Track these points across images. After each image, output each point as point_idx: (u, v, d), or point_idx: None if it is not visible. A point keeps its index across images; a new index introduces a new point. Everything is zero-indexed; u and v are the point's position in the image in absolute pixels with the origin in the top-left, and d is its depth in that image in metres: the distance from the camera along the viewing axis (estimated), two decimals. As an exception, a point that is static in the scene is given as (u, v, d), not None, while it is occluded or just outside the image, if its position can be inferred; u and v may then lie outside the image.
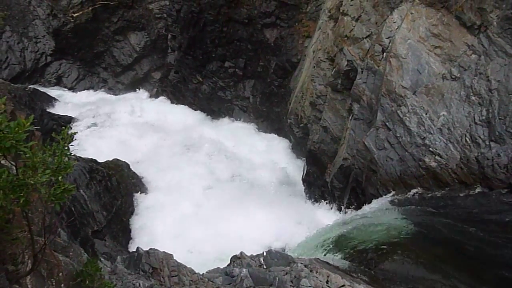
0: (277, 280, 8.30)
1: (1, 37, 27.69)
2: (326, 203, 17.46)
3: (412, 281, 9.43)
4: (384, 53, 14.28)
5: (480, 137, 12.15)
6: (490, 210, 11.48)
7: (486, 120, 12.13)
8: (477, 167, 12.06)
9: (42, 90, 26.01)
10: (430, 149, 12.79)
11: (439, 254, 10.25)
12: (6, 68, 27.34)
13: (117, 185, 16.95)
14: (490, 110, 12.08)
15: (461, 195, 12.20)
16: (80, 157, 16.16)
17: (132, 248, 15.27)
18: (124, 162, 18.51)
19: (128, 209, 17.04)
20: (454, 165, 12.41)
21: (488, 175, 11.83)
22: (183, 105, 26.45)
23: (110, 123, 24.40)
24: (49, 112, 23.37)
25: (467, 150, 12.27)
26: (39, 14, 28.69)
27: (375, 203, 13.54)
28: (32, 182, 3.59)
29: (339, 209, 16.09)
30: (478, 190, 12.07)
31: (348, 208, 14.85)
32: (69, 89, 28.97)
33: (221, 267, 9.28)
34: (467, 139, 12.33)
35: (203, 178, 19.71)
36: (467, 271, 9.67)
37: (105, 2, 28.68)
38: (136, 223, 16.94)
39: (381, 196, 13.75)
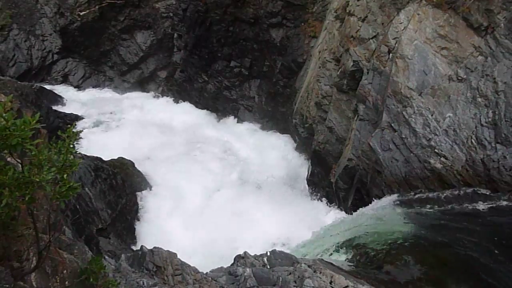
0: (280, 280, 8.31)
1: (8, 35, 27.81)
2: (331, 203, 17.43)
3: (416, 284, 9.41)
4: (390, 54, 14.24)
5: (486, 139, 12.09)
6: (496, 213, 11.43)
7: (492, 122, 12.07)
8: (482, 169, 12.01)
9: (48, 88, 26.11)
10: (436, 150, 12.74)
11: (443, 257, 10.22)
12: (13, 66, 27.46)
13: (122, 184, 16.99)
14: (497, 112, 12.02)
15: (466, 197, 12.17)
16: (85, 155, 16.21)
17: (136, 246, 15.31)
18: (129, 160, 18.55)
19: (133, 208, 17.08)
20: (459, 167, 12.36)
21: (494, 177, 11.77)
22: (188, 104, 26.48)
23: (116, 122, 24.47)
24: (55, 110, 23.45)
25: (473, 152, 12.21)
26: (46, 13, 28.80)
27: (380, 204, 13.50)
28: (37, 179, 3.61)
29: (344, 210, 16.06)
30: (483, 192, 12.03)
31: (353, 209, 14.81)
32: (75, 87, 29.04)
33: (225, 266, 9.30)
34: (473, 141, 12.27)
35: (208, 177, 19.72)
36: (471, 275, 9.63)
37: (112, 1, 28.73)
38: (141, 221, 16.98)
39: (386, 197, 13.71)
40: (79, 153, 15.65)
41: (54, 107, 24.13)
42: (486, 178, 11.97)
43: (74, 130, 4.09)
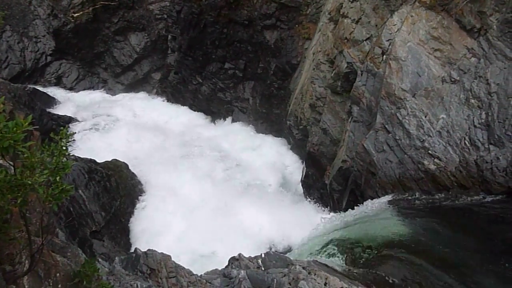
0: (275, 282, 8.29)
1: (1, 37, 27.66)
2: (325, 205, 17.45)
3: (410, 285, 9.42)
4: (384, 56, 14.30)
5: (479, 140, 12.16)
6: (489, 210, 11.50)
7: (485, 123, 12.14)
8: (476, 170, 12.07)
9: (42, 90, 25.99)
10: (429, 152, 12.80)
11: (438, 258, 10.25)
12: (6, 68, 27.30)
13: (116, 186, 16.93)
14: (490, 113, 12.09)
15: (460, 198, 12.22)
16: (79, 157, 16.14)
17: (131, 249, 15.25)
18: (123, 162, 18.47)
19: (127, 210, 17.01)
20: (453, 168, 12.42)
21: (487, 179, 11.84)
22: (182, 106, 26.45)
23: (110, 124, 24.38)
24: (48, 112, 23.33)
25: (466, 153, 12.27)
26: (39, 14, 28.67)
27: (374, 205, 13.53)
28: (30, 182, 3.59)
29: (338, 211, 16.08)
30: (477, 193, 12.09)
31: (347, 210, 14.84)
32: (69, 89, 28.92)
33: (219, 268, 9.27)
34: (466, 142, 12.34)
35: (202, 179, 19.68)
36: (466, 275, 9.66)
37: (106, 3, 28.67)
38: (135, 223, 16.92)
39: (380, 198, 13.75)
40: (73, 155, 15.58)
41: (48, 109, 24.00)
42: (480, 179, 12.04)
43: (67, 132, 4.07)
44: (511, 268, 9.49)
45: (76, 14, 28.49)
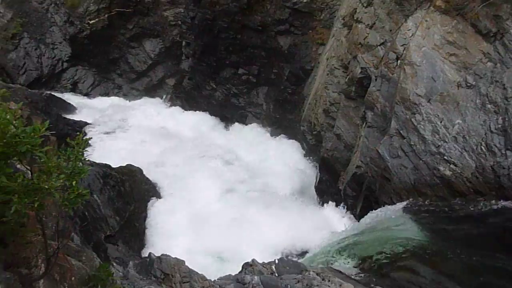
0: (288, 288, 8.26)
1: (19, 44, 28.16)
2: (339, 211, 17.33)
3: (426, 291, 9.33)
4: (399, 61, 14.21)
5: (496, 145, 11.98)
6: (507, 221, 11.31)
7: (502, 129, 11.97)
8: (492, 176, 11.89)
9: (58, 96, 26.33)
10: (445, 157, 12.65)
11: (453, 265, 10.12)
12: (23, 74, 27.76)
13: (130, 190, 17.03)
14: (506, 119, 11.92)
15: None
16: (94, 162, 16.28)
17: (145, 253, 15.31)
18: (138, 167, 18.60)
19: (141, 215, 17.10)
20: (469, 174, 12.25)
21: (504, 185, 11.65)
22: (196, 112, 26.56)
23: (124, 129, 24.57)
24: (64, 118, 23.61)
25: (483, 159, 12.10)
26: (56, 21, 29.12)
27: (389, 211, 13.41)
28: (46, 186, 3.64)
29: (352, 218, 15.97)
30: (493, 200, 11.90)
31: (361, 216, 14.73)
32: (85, 95, 29.28)
33: (233, 274, 9.28)
34: (483, 148, 12.17)
35: (216, 184, 19.70)
36: (481, 283, 9.52)
37: (121, 10, 29.00)
38: (149, 228, 17.00)
39: (395, 204, 13.62)
40: (88, 160, 15.70)
41: (64, 115, 24.29)
42: (496, 185, 11.86)
43: (83, 137, 4.12)
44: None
45: (92, 21, 28.87)
